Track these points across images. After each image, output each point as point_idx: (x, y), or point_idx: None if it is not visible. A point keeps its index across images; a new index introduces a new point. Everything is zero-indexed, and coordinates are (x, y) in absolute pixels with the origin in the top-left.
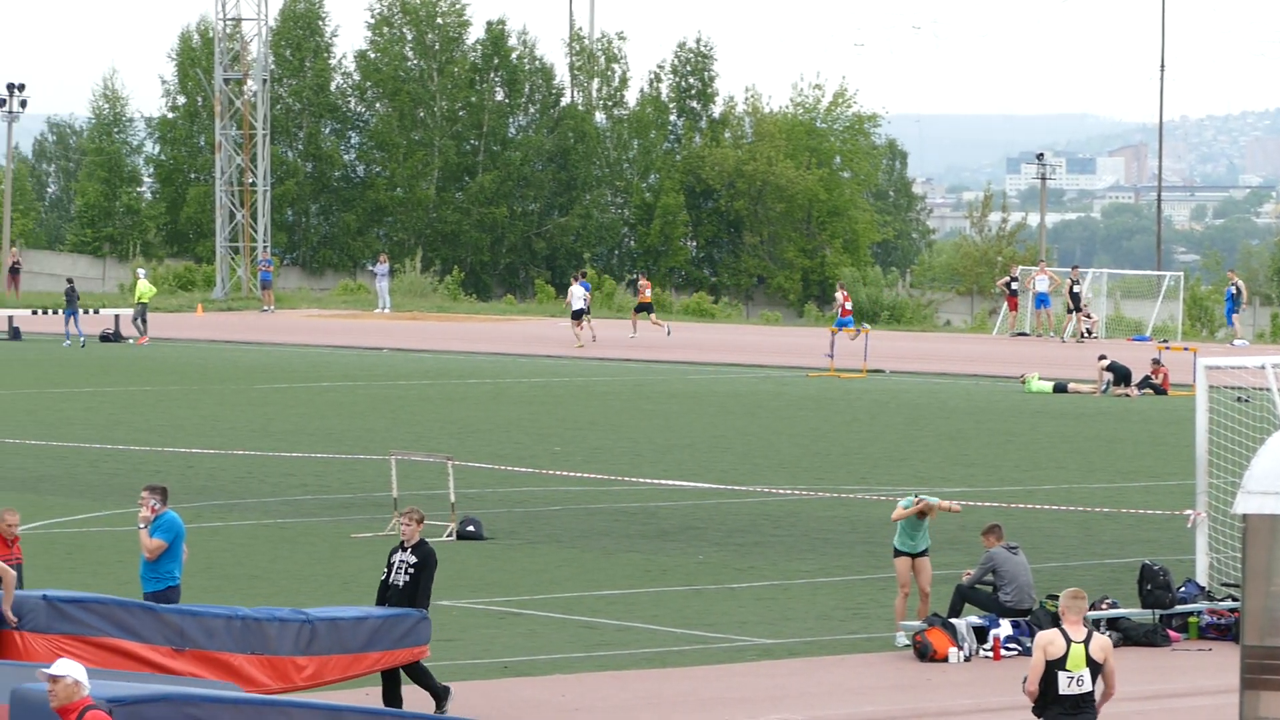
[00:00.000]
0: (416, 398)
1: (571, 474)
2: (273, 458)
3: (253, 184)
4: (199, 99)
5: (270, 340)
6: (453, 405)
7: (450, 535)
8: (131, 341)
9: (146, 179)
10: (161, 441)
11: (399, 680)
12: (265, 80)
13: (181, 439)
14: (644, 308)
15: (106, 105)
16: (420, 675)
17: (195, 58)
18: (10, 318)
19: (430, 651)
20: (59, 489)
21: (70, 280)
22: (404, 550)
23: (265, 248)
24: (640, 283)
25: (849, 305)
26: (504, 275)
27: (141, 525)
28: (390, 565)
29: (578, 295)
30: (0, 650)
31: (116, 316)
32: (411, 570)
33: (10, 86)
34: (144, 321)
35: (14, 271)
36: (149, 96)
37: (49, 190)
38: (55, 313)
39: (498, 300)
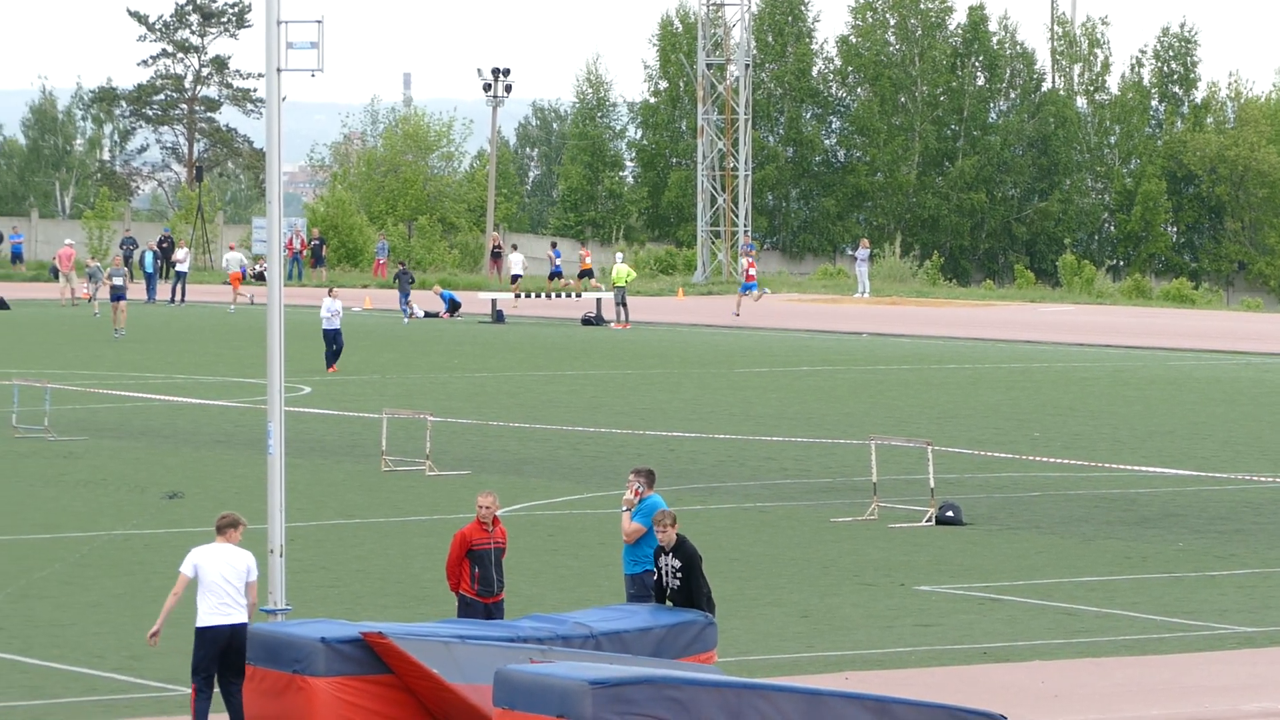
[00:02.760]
0: (895, 382)
1: (1051, 459)
2: (753, 441)
3: (734, 168)
4: (680, 84)
5: (750, 324)
6: (931, 390)
7: (929, 520)
8: (611, 325)
9: (629, 163)
10: (642, 424)
11: None
12: (747, 65)
13: (662, 422)
14: (586, 274)
15: (590, 90)
16: None
17: (677, 43)
18: (494, 301)
19: (718, 656)
20: (542, 471)
21: (403, 262)
22: (667, 555)
23: (746, 232)
24: (581, 251)
25: (753, 271)
26: (983, 260)
27: (625, 508)
28: (659, 569)
29: (516, 262)
30: (283, 694)
31: (598, 300)
32: (680, 574)
33: (495, 71)
34: (624, 306)
35: (496, 255)
36: (631, 81)
37: (531, 174)
38: (537, 296)
39: (976, 285)
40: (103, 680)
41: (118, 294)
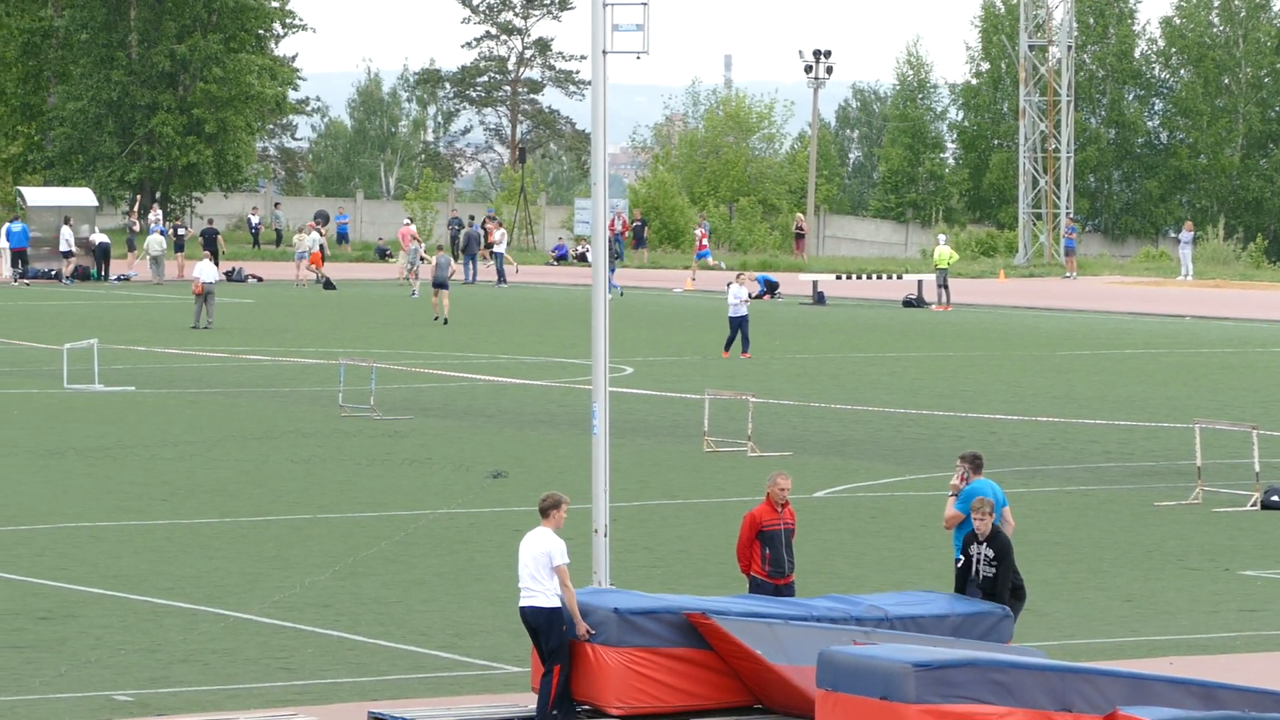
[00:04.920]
0: (1219, 366)
1: None
2: (1075, 424)
3: (1056, 150)
4: (1002, 65)
5: (1072, 307)
6: (1256, 374)
7: (1254, 504)
8: (932, 307)
9: (950, 145)
10: (964, 407)
11: None
12: (1069, 47)
13: (983, 404)
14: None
15: (910, 71)
16: None
17: (999, 24)
18: (815, 283)
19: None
20: (863, 453)
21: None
22: (980, 543)
23: (1068, 214)
24: (488, 225)
25: (705, 241)
26: None
27: (951, 494)
28: (969, 556)
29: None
30: (576, 665)
31: (919, 282)
32: (994, 564)
33: (816, 53)
34: (945, 288)
35: (799, 236)
36: (952, 63)
37: (851, 156)
38: (858, 277)
39: None
40: (428, 658)
41: (440, 282)
